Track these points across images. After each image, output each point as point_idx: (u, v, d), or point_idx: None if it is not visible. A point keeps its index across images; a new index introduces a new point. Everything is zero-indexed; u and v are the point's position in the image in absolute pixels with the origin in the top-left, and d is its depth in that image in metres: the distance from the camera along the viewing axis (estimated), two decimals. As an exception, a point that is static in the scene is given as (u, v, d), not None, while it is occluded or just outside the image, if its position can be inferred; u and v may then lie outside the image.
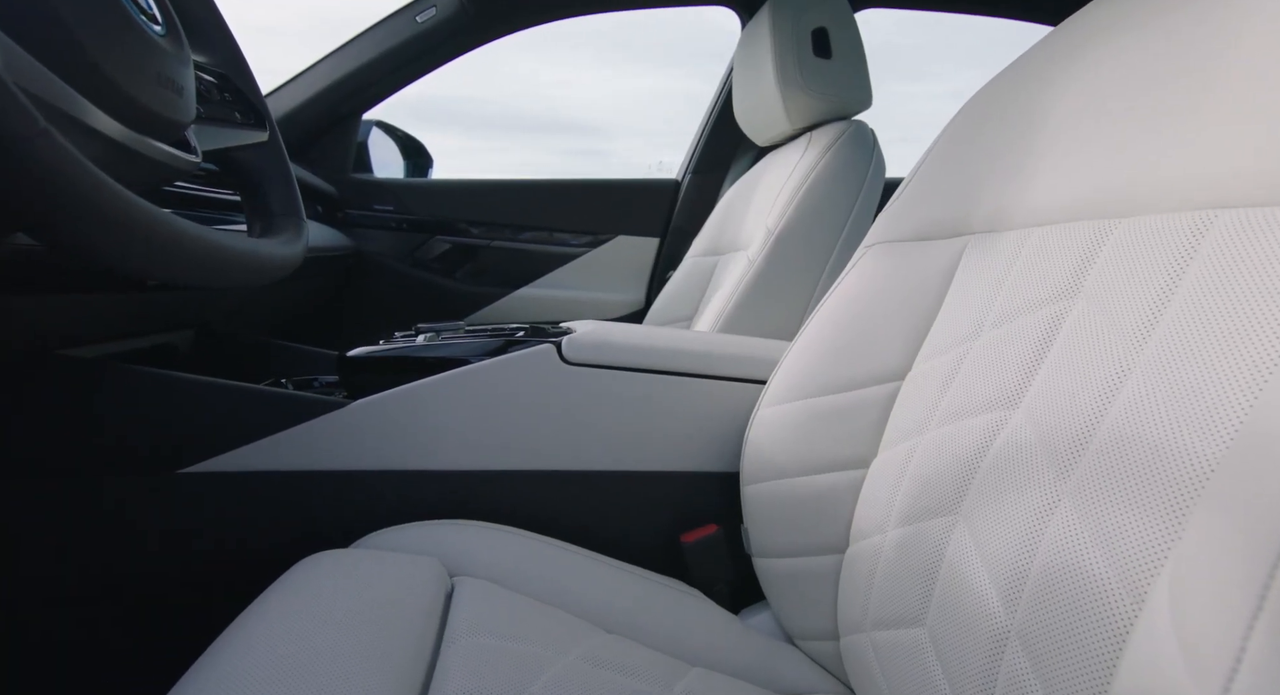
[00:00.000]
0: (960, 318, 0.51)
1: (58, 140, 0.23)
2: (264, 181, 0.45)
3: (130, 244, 0.27)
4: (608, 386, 0.66)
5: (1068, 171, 0.45)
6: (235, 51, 0.47)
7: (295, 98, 1.36)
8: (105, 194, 0.25)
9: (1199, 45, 0.38)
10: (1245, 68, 0.35)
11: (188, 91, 0.35)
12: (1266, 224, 0.32)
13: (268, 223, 0.44)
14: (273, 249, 0.40)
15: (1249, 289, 0.31)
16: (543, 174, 1.61)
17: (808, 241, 0.95)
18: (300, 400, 0.61)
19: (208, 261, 0.32)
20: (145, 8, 0.33)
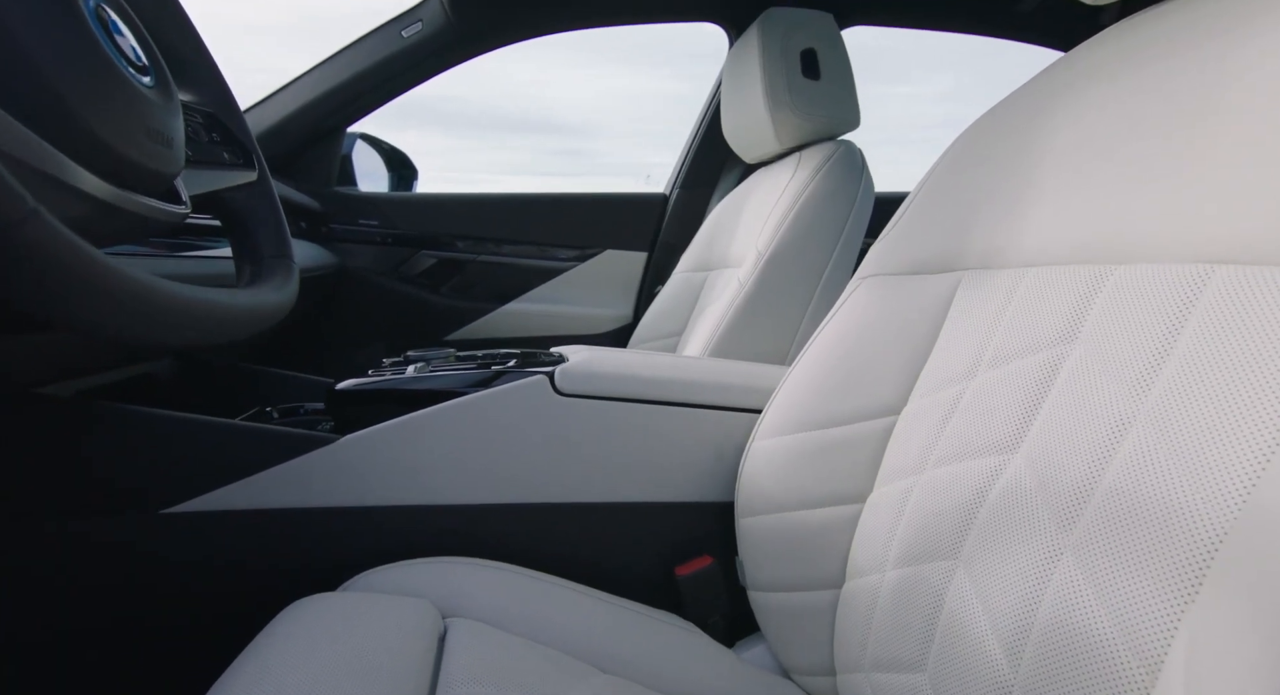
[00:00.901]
0: (956, 355, 0.51)
1: (47, 221, 0.23)
2: (253, 223, 0.44)
3: (128, 317, 0.27)
4: (601, 418, 0.66)
5: (1062, 213, 0.45)
6: (223, 89, 0.46)
7: (278, 112, 1.34)
8: (99, 271, 0.25)
9: (1193, 96, 0.38)
10: (1236, 125, 0.35)
11: (177, 142, 0.34)
12: (1263, 284, 0.32)
13: (258, 266, 0.43)
14: (265, 297, 0.39)
15: (1248, 352, 0.31)
16: (525, 174, 1.58)
17: (798, 264, 0.95)
18: (288, 436, 0.59)
19: (206, 322, 0.32)
20: (134, 59, 0.32)
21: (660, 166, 1.68)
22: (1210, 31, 0.39)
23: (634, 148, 13.82)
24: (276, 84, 1.33)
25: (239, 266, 0.44)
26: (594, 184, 1.89)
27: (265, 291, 0.40)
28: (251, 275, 0.42)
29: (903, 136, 7.61)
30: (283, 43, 9.37)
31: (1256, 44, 0.35)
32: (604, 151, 11.64)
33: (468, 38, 1.32)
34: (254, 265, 0.43)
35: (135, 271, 0.27)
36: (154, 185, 0.34)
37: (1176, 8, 0.44)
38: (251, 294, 0.37)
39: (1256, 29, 0.36)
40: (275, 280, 0.42)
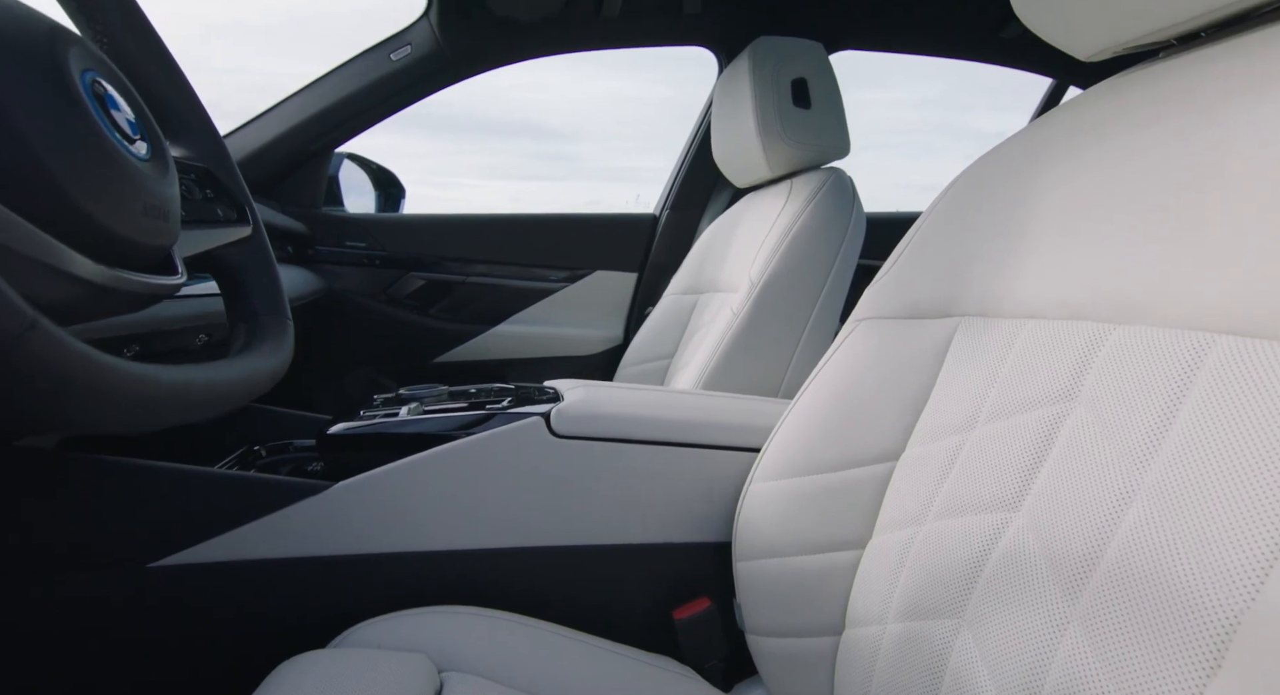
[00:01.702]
0: (955, 404, 0.51)
1: (46, 331, 0.22)
2: (248, 281, 0.43)
3: (130, 412, 0.26)
4: (598, 459, 0.65)
5: (1060, 266, 0.46)
6: (216, 143, 0.45)
7: (265, 134, 1.33)
8: (100, 373, 0.24)
9: (1192, 162, 0.39)
10: (1236, 194, 0.35)
11: (173, 214, 0.33)
12: (1265, 358, 0.32)
13: (252, 326, 0.42)
14: (260, 364, 0.38)
15: (1252, 432, 0.31)
16: (509, 178, 1.57)
17: (791, 295, 0.96)
18: (278, 485, 0.58)
19: (205, 402, 0.31)
20: (130, 133, 0.31)
21: (646, 170, 1.68)
22: (1209, 98, 0.39)
23: (619, 152, 13.82)
24: (254, 84, 1.31)
25: (233, 325, 0.43)
26: (578, 187, 1.88)
27: (260, 356, 0.39)
28: (246, 336, 0.41)
29: (884, 141, 7.68)
30: (261, 43, 9.28)
31: (1255, 114, 0.36)
32: (588, 156, 11.65)
33: (457, 61, 1.32)
34: (249, 324, 0.42)
35: (135, 366, 0.26)
36: (150, 259, 0.33)
37: (1171, 69, 0.44)
38: (246, 363, 0.37)
39: (1254, 98, 0.36)
40: (269, 343, 0.41)
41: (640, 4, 1.28)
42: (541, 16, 1.23)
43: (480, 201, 16.45)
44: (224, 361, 0.36)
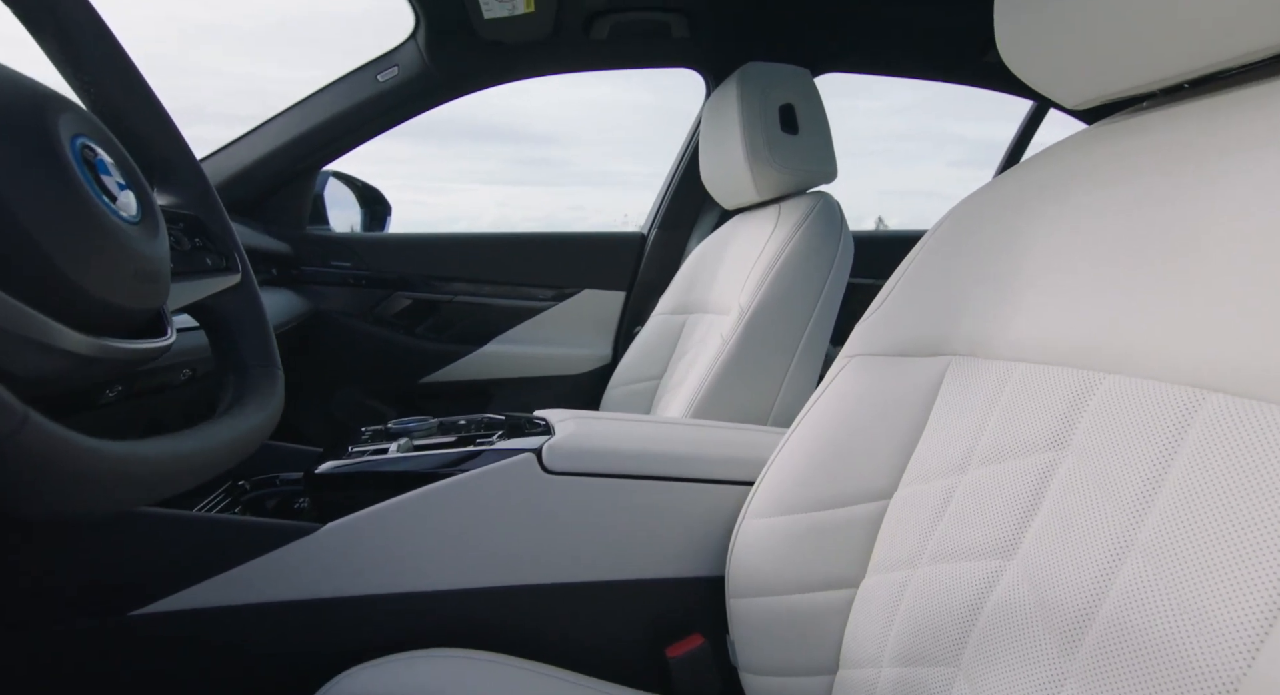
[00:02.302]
0: (947, 445, 0.52)
1: (37, 425, 0.21)
2: (237, 330, 0.42)
3: (124, 494, 0.26)
4: (591, 495, 0.65)
5: (1052, 311, 0.46)
6: (205, 189, 0.45)
7: (250, 154, 1.31)
8: (94, 462, 0.23)
9: (1185, 218, 0.39)
10: (1227, 253, 0.36)
11: (163, 275, 0.33)
12: (1255, 418, 0.33)
13: (241, 377, 0.41)
14: (250, 421, 0.37)
15: (1244, 493, 0.31)
16: (494, 183, 1.56)
17: (781, 321, 0.96)
18: (266, 528, 0.57)
19: (199, 468, 0.31)
20: (119, 195, 0.31)
21: (631, 175, 1.68)
22: (1204, 155, 0.40)
23: (604, 158, 13.83)
24: (237, 88, 1.29)
25: (222, 377, 0.42)
26: (564, 192, 1.87)
27: (249, 413, 0.38)
28: (235, 389, 0.41)
29: (864, 148, 7.75)
30: (246, 46, 9.20)
31: (1251, 176, 0.36)
32: (573, 160, 11.64)
33: (445, 83, 1.32)
34: (237, 376, 0.41)
35: (123, 448, 0.25)
36: (139, 321, 0.32)
37: (1163, 120, 0.45)
38: (235, 422, 0.36)
39: (1249, 159, 0.37)
40: (259, 397, 0.40)
41: (629, 28, 1.29)
42: (530, 39, 1.23)
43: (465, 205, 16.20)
44: (211, 423, 0.35)
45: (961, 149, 21.79)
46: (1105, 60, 0.44)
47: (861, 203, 4.78)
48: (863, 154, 4.27)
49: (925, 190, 12.33)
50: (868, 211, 3.85)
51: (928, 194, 12.80)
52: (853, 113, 7.96)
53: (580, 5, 1.19)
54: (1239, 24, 0.36)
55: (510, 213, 9.42)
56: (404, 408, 1.52)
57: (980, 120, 2.05)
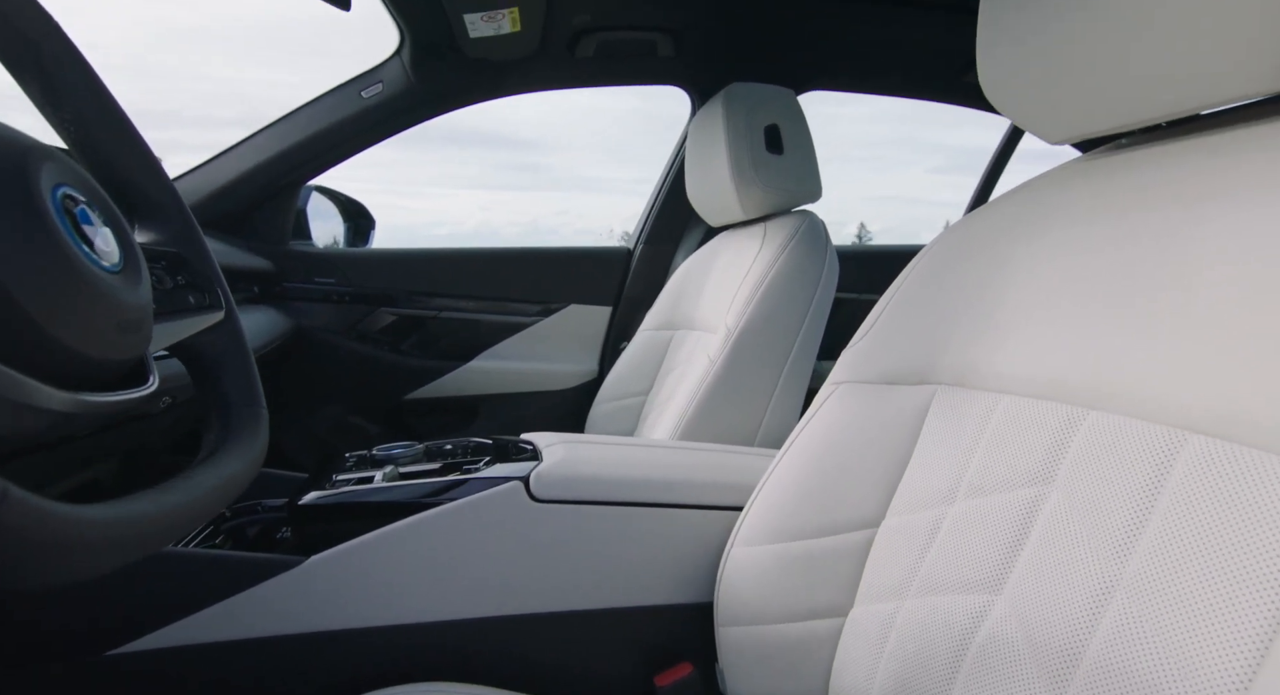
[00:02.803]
0: (934, 475, 0.52)
1: (15, 499, 0.21)
2: (221, 368, 0.42)
3: (109, 559, 0.25)
4: (579, 523, 0.65)
5: (1036, 345, 0.47)
6: (188, 224, 0.44)
7: (233, 169, 1.30)
8: (84, 529, 0.23)
9: (1169, 261, 0.40)
10: (1209, 298, 0.37)
11: (146, 323, 0.32)
12: (1236, 462, 0.33)
13: (225, 418, 0.41)
14: (233, 466, 0.37)
15: (1225, 536, 0.32)
16: (477, 187, 1.54)
17: (767, 341, 0.97)
18: (248, 563, 0.56)
19: (190, 520, 0.30)
20: (101, 245, 0.30)
21: (615, 180, 1.68)
22: (1183, 195, 0.41)
23: (589, 162, 13.86)
24: (216, 93, 1.27)
25: (206, 416, 0.41)
26: (548, 197, 1.86)
27: (234, 456, 0.38)
28: (219, 430, 0.40)
29: (848, 155, 7.81)
30: (225, 49, 9.11)
31: (1234, 220, 0.37)
32: (557, 165, 11.64)
33: (430, 99, 1.31)
34: (221, 417, 0.41)
35: (107, 512, 0.25)
36: (121, 371, 0.32)
37: (1147, 159, 0.46)
38: (219, 469, 0.35)
39: (1227, 204, 0.38)
40: (243, 438, 0.40)
41: (614, 46, 1.29)
42: (516, 57, 1.23)
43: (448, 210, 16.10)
44: (196, 470, 0.35)
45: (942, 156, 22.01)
46: (1084, 99, 0.45)
47: (850, 210, 4.80)
48: (847, 160, 4.31)
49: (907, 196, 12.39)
50: (851, 217, 3.89)
51: (910, 200, 12.83)
52: (837, 120, 8.03)
53: (566, 24, 1.20)
54: (1216, 71, 0.37)
55: (494, 217, 9.41)
56: (389, 425, 1.51)
57: (960, 127, 2.06)
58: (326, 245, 1.58)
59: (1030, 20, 0.46)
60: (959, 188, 12.11)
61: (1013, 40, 0.48)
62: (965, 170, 1.34)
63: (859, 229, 35.00)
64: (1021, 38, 0.47)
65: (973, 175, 1.79)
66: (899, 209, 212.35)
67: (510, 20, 1.02)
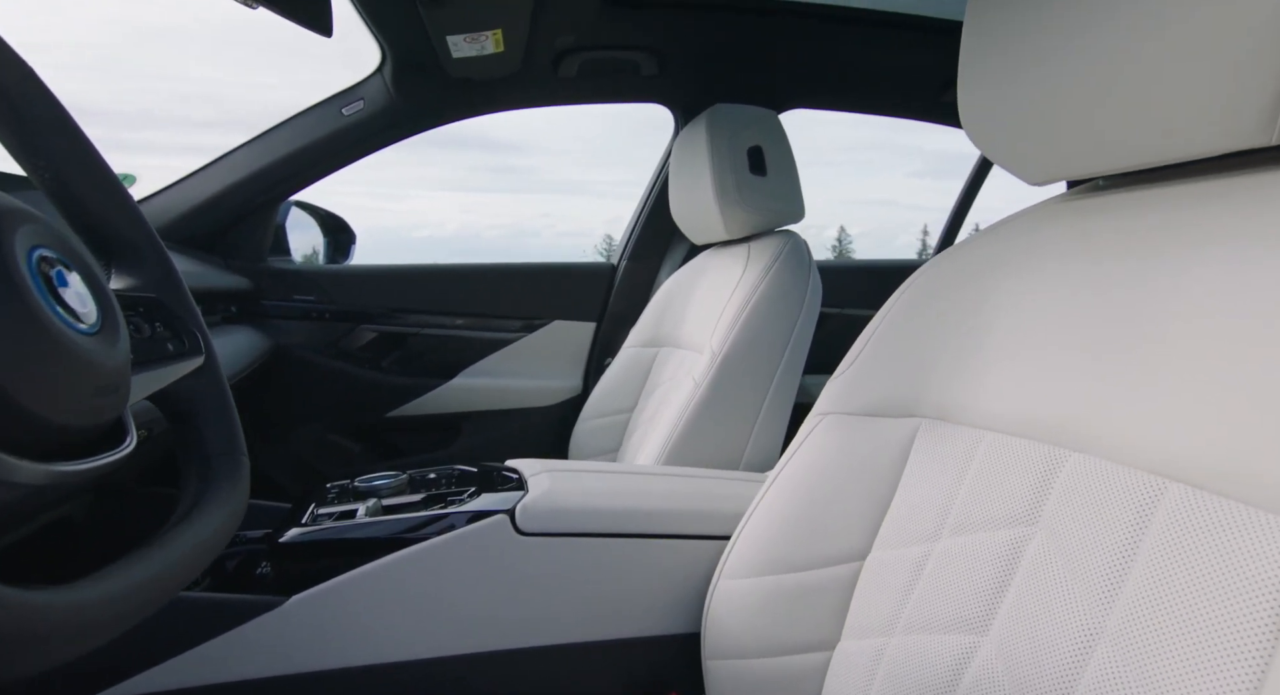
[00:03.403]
0: (919, 511, 0.52)
1: None
2: (200, 416, 0.41)
3: (99, 635, 0.24)
4: (566, 556, 0.64)
5: (1019, 383, 0.47)
6: (166, 268, 0.43)
7: (211, 186, 1.28)
8: (64, 613, 0.22)
9: (1148, 309, 0.41)
10: (1187, 348, 0.37)
11: (124, 384, 0.32)
12: (1214, 514, 0.34)
13: (204, 469, 0.40)
14: (212, 522, 0.36)
15: (1207, 589, 0.33)
16: (458, 190, 1.52)
17: (752, 364, 0.97)
18: (229, 604, 0.55)
19: (172, 587, 0.30)
20: (78, 307, 0.29)
21: (597, 183, 1.67)
22: (1163, 243, 0.41)
23: (571, 165, 13.81)
24: (191, 93, 1.24)
25: (184, 465, 0.40)
26: (530, 199, 1.84)
27: (212, 514, 0.37)
28: (199, 480, 0.39)
29: (826, 159, 7.86)
30: (198, 49, 8.96)
31: (1208, 272, 0.38)
32: (540, 168, 11.56)
33: (412, 117, 1.30)
34: (200, 467, 0.40)
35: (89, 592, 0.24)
36: (98, 433, 0.31)
37: (1121, 203, 0.46)
38: (198, 527, 0.35)
39: (1206, 255, 0.38)
40: (222, 491, 0.39)
41: (598, 65, 1.29)
42: (499, 76, 1.23)
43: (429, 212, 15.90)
44: (175, 529, 0.34)
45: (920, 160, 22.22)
46: (1063, 143, 0.46)
47: (830, 213, 4.82)
48: (827, 164, 4.36)
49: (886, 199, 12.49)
50: (832, 220, 3.94)
51: (888, 203, 12.93)
52: (818, 123, 8.06)
53: (549, 45, 1.20)
54: (1194, 123, 0.38)
55: (476, 220, 9.36)
56: (370, 444, 1.49)
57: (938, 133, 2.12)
58: (306, 261, 1.56)
59: (1011, 64, 0.47)
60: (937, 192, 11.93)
61: (993, 82, 0.48)
62: (943, 174, 1.36)
63: (839, 232, 35.28)
64: (1002, 80, 0.48)
65: (950, 179, 1.81)
66: (878, 212, 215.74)
67: (494, 41, 1.01)
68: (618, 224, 1.68)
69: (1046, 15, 0.43)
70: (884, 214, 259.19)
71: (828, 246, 27.91)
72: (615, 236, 1.68)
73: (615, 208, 24.38)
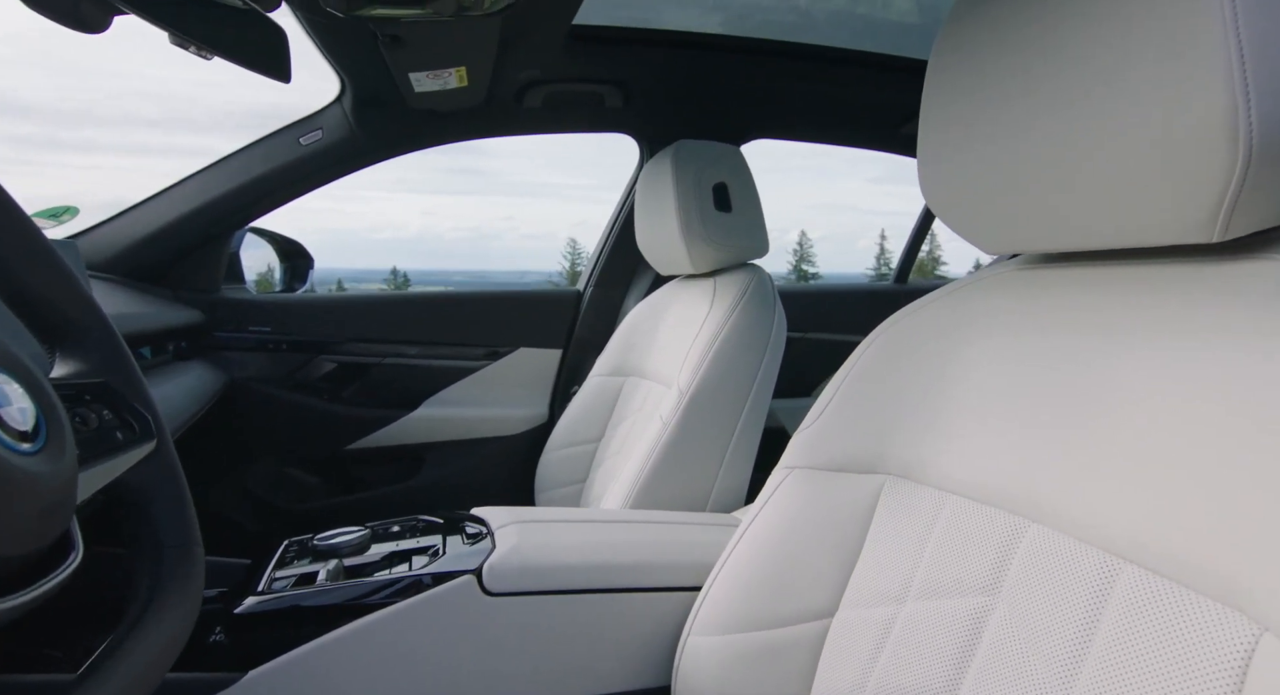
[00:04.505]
0: (885, 571, 0.53)
1: None
2: (152, 505, 0.39)
3: None
4: (535, 615, 0.63)
5: (978, 449, 0.48)
6: (115, 349, 0.41)
7: (163, 216, 1.23)
8: None
9: (1104, 387, 0.42)
10: (1139, 429, 0.39)
11: (70, 499, 0.30)
12: (1166, 600, 0.35)
13: (156, 560, 0.38)
14: (165, 628, 0.34)
15: (1161, 676, 0.34)
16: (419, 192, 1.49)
17: (720, 402, 0.97)
18: (180, 685, 0.53)
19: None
20: (20, 425, 0.28)
21: (559, 187, 1.65)
22: (1112, 325, 0.43)
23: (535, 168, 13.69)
24: (132, 89, 1.18)
25: (135, 562, 0.38)
26: (492, 202, 1.81)
27: (166, 618, 0.35)
28: (150, 577, 0.37)
29: (785, 165, 7.95)
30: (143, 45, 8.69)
31: (1152, 359, 0.39)
32: (503, 171, 11.46)
33: (372, 147, 1.28)
34: (153, 560, 0.38)
35: None
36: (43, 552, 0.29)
37: (1073, 279, 0.48)
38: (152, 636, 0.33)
39: (1151, 341, 0.40)
40: (176, 588, 0.37)
41: (562, 97, 1.29)
42: (462, 107, 1.21)
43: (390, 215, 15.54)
44: (125, 646, 0.32)
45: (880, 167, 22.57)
46: (1016, 221, 0.47)
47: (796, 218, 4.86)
48: (784, 171, 4.42)
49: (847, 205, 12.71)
50: (794, 223, 3.99)
51: (849, 208, 13.14)
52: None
53: (514, 78, 1.19)
54: (1140, 216, 0.40)
55: (437, 222, 9.22)
56: (329, 477, 1.45)
57: None
58: (261, 290, 1.51)
59: (968, 140, 0.48)
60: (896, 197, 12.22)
61: (951, 156, 0.50)
62: (901, 180, 1.41)
63: (800, 236, 36.11)
64: (959, 155, 0.49)
65: (908, 185, 1.85)
66: (839, 217, 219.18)
67: (457, 77, 1.00)
68: (583, 228, 1.68)
69: (1005, 95, 0.44)
70: (844, 219, 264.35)
71: (790, 250, 28.27)
72: (580, 240, 1.68)
73: (580, 211, 24.05)
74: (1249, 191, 0.34)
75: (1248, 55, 0.32)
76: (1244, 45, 0.32)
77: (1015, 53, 0.43)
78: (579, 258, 7.52)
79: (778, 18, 1.32)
